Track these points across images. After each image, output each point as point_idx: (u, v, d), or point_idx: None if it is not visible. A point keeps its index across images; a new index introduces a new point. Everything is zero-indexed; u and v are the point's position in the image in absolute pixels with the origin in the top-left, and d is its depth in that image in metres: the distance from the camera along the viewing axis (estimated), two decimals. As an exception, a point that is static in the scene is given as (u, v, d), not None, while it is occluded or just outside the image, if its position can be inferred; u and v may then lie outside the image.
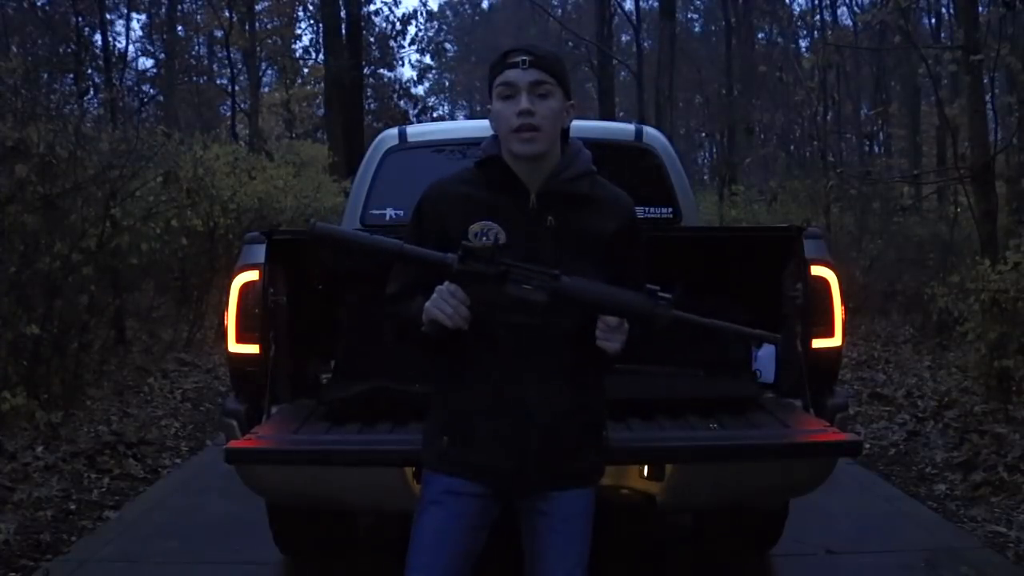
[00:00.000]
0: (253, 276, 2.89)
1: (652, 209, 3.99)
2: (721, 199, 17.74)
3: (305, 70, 26.47)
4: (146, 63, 24.52)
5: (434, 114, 29.66)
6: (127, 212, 6.63)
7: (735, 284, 3.19)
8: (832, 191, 10.48)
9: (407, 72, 40.82)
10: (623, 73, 28.33)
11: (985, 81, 8.22)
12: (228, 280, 2.97)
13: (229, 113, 24.00)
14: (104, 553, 3.74)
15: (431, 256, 1.75)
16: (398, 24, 22.89)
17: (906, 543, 3.83)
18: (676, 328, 1.72)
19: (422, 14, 26.24)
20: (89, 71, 16.93)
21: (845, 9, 25.03)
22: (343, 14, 17.30)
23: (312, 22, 24.39)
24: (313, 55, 25.31)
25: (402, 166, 4.05)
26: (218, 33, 23.38)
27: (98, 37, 17.91)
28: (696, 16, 37.25)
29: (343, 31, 17.27)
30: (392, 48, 24.11)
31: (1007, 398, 5.58)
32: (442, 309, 1.72)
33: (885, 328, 10.28)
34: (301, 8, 24.46)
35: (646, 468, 2.67)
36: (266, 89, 26.71)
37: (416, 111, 24.85)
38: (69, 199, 6.04)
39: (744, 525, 3.52)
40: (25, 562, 3.57)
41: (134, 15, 22.24)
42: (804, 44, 22.08)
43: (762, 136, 21.96)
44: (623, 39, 31.64)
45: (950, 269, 7.52)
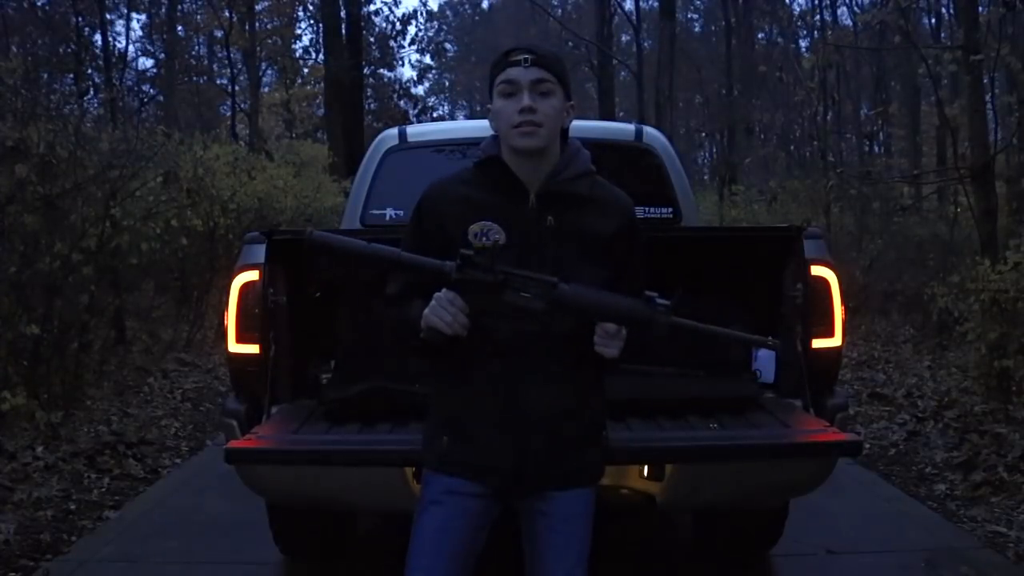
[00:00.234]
0: (253, 276, 2.89)
1: (652, 209, 3.99)
2: (721, 199, 17.73)
3: (305, 70, 26.48)
4: (146, 63, 24.58)
5: (434, 114, 29.71)
6: (127, 212, 6.63)
7: (735, 284, 3.19)
8: (832, 191, 10.47)
9: (407, 72, 40.92)
10: (623, 73, 28.34)
11: (985, 81, 8.22)
12: (228, 280, 2.97)
13: (229, 113, 24.03)
14: (104, 553, 3.73)
15: (429, 264, 1.75)
16: (398, 24, 22.96)
17: (906, 543, 3.83)
18: (674, 334, 1.73)
19: (422, 14, 26.35)
20: (89, 71, 16.95)
21: (845, 9, 25.06)
22: (343, 14, 17.30)
23: (312, 22, 24.44)
24: (313, 55, 25.35)
25: (402, 166, 4.04)
26: (218, 33, 23.40)
27: (98, 37, 17.97)
28: (696, 16, 37.28)
29: (343, 31, 17.27)
30: (392, 48, 24.15)
31: (1007, 398, 5.57)
32: (440, 317, 1.73)
33: (885, 328, 10.27)
34: (301, 8, 24.49)
35: (646, 468, 2.67)
36: (266, 89, 26.71)
37: (416, 111, 24.87)
38: (69, 199, 6.04)
39: (744, 525, 3.52)
40: (25, 562, 3.57)
41: (134, 15, 22.28)
42: (804, 44, 22.11)
43: (762, 136, 21.98)
44: (623, 39, 31.66)
45: (950, 269, 7.51)
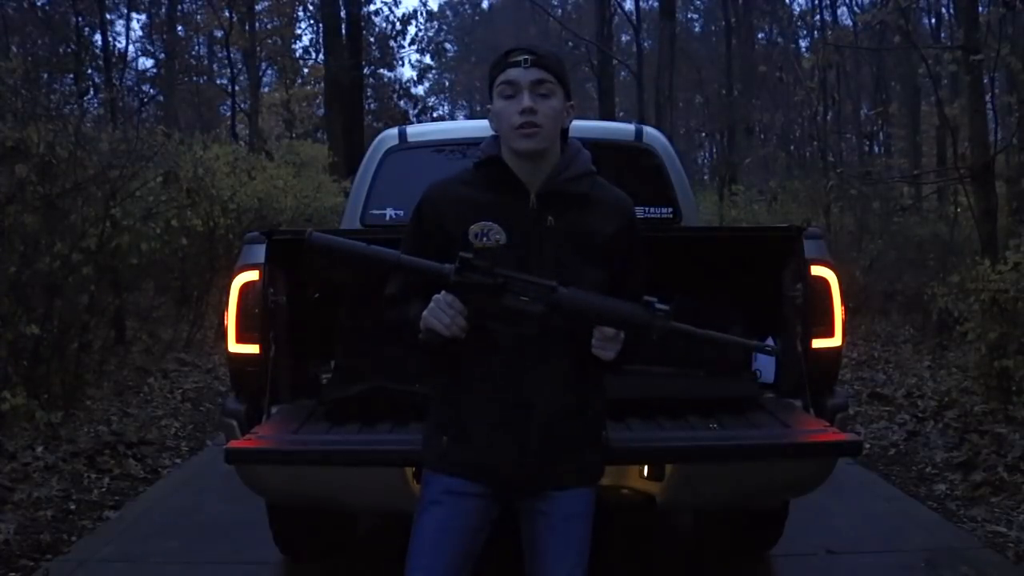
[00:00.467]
0: (253, 276, 2.88)
1: (652, 209, 3.99)
2: (721, 199, 17.74)
3: (305, 70, 26.47)
4: (146, 63, 24.57)
5: (434, 114, 29.67)
6: (127, 212, 6.62)
7: (735, 284, 3.19)
8: (832, 191, 10.47)
9: (407, 72, 40.84)
10: (623, 73, 28.33)
11: (985, 81, 8.22)
12: (228, 280, 2.97)
13: (229, 113, 24.03)
14: (104, 553, 3.73)
15: (429, 267, 1.76)
16: (398, 24, 22.89)
17: (906, 543, 3.83)
18: (673, 339, 1.73)
19: (422, 14, 26.23)
20: (89, 71, 16.94)
21: (845, 9, 25.05)
22: (343, 14, 17.30)
23: (312, 22, 24.43)
24: (313, 55, 25.33)
25: (402, 166, 4.04)
26: (218, 33, 23.40)
27: (98, 37, 17.96)
28: (696, 16, 37.27)
29: (343, 31, 17.27)
30: (392, 48, 24.10)
31: (1007, 398, 5.57)
32: (439, 319, 1.73)
33: (885, 328, 10.28)
34: (301, 8, 24.48)
35: (646, 468, 2.67)
36: (266, 89, 26.71)
37: (416, 111, 24.85)
38: (69, 199, 6.04)
39: (744, 525, 3.53)
40: (25, 562, 3.57)
41: (134, 15, 22.28)
42: (804, 44, 22.11)
43: (762, 136, 21.99)
44: (623, 39, 31.66)
45: (950, 269, 7.51)
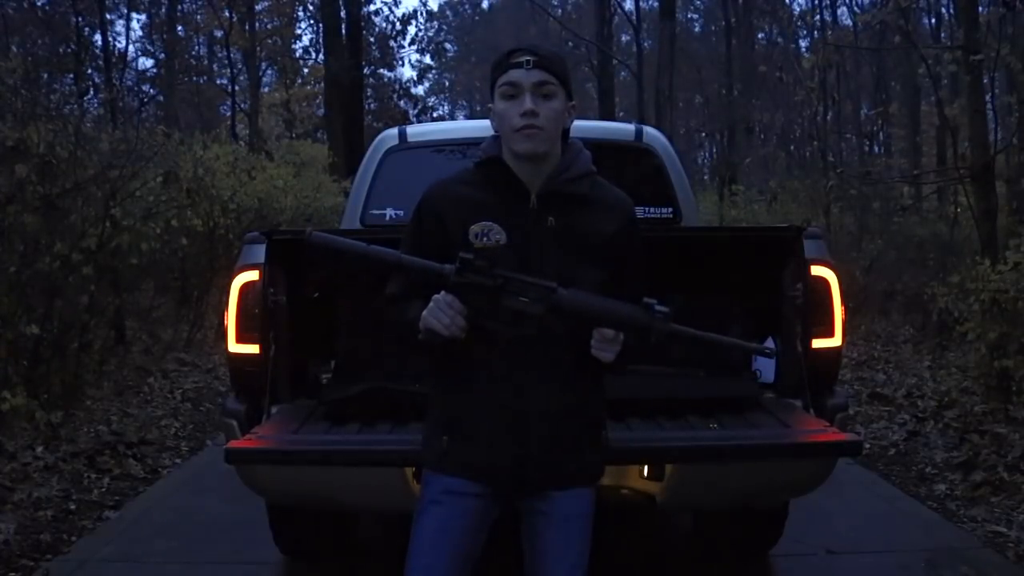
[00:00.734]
0: (253, 276, 2.88)
1: (652, 209, 3.99)
2: (721, 199, 17.73)
3: (305, 70, 26.49)
4: (146, 63, 24.59)
5: (434, 114, 29.68)
6: (127, 212, 6.62)
7: (735, 284, 3.19)
8: (832, 191, 10.48)
9: (407, 72, 40.85)
10: (623, 73, 28.34)
11: (985, 81, 8.22)
12: (228, 280, 2.97)
13: (229, 113, 24.05)
14: (104, 553, 3.73)
15: (429, 267, 1.76)
16: (398, 24, 22.93)
17: (906, 543, 3.83)
18: (672, 341, 1.73)
19: (422, 14, 26.27)
20: (89, 71, 16.94)
21: (845, 9, 25.06)
22: (343, 14, 17.29)
23: (312, 22, 24.46)
24: (313, 55, 25.36)
25: (402, 166, 4.04)
26: (218, 33, 23.42)
27: (98, 37, 17.97)
28: (696, 16, 37.26)
29: (343, 31, 17.26)
30: (392, 48, 24.14)
31: (1007, 398, 5.57)
32: (439, 319, 1.73)
33: (885, 328, 10.27)
34: (301, 8, 24.50)
35: (646, 468, 2.67)
36: (266, 89, 26.73)
37: (416, 111, 24.86)
38: (69, 199, 6.04)
39: (744, 525, 3.53)
40: (25, 562, 3.56)
41: (134, 15, 22.30)
42: (804, 44, 22.10)
43: (762, 136, 21.98)
44: (623, 39, 31.66)
45: (950, 269, 7.51)
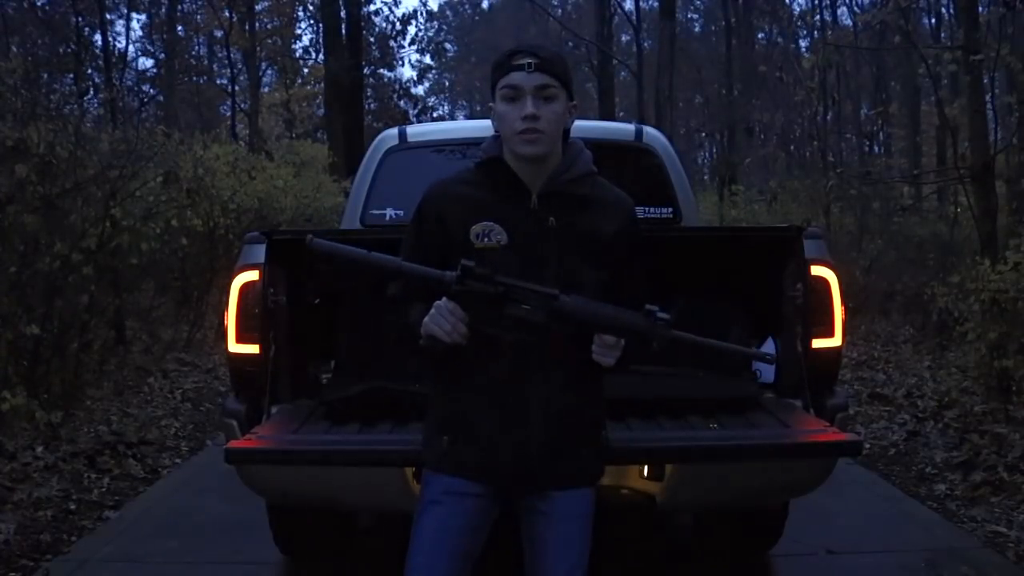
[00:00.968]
0: (253, 276, 2.88)
1: (652, 209, 3.98)
2: (721, 199, 17.74)
3: (305, 70, 26.49)
4: (146, 63, 24.61)
5: (434, 114, 29.66)
6: (127, 212, 6.61)
7: (735, 284, 3.19)
8: (832, 191, 10.47)
9: (407, 72, 40.84)
10: (623, 73, 28.34)
11: (985, 81, 8.21)
12: (228, 280, 2.97)
13: (229, 113, 24.06)
14: (104, 553, 3.73)
15: (430, 274, 1.76)
16: (398, 24, 22.92)
17: (906, 543, 3.83)
18: (674, 347, 1.73)
19: (422, 14, 26.29)
20: (89, 71, 16.95)
21: (845, 9, 25.07)
22: (343, 14, 17.29)
23: (312, 22, 24.46)
24: (313, 55, 25.36)
25: (402, 166, 4.04)
26: (218, 33, 23.42)
27: (98, 37, 17.98)
28: (696, 16, 37.26)
29: (343, 31, 17.26)
30: (392, 48, 24.12)
31: (1007, 398, 5.57)
32: (440, 326, 1.74)
33: (885, 328, 10.27)
34: (301, 8, 24.50)
35: (646, 468, 2.67)
36: (266, 89, 26.73)
37: (416, 111, 24.85)
38: (69, 199, 6.03)
39: (744, 525, 3.52)
40: (25, 562, 3.57)
41: (134, 15, 22.30)
42: (804, 44, 22.10)
43: (762, 136, 21.98)
44: (623, 39, 31.66)
45: (950, 269, 7.51)
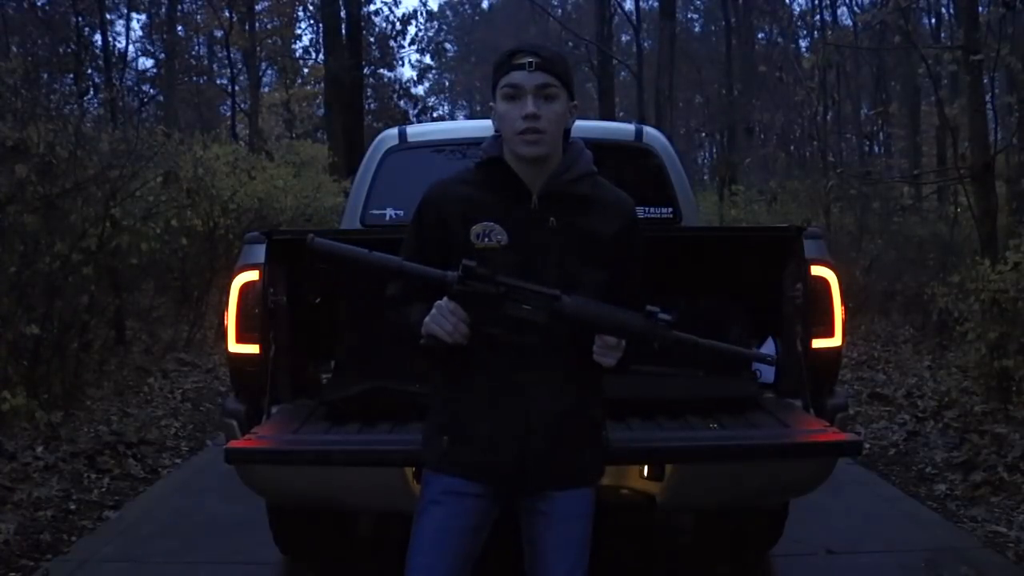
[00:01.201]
0: (253, 276, 2.89)
1: (652, 209, 3.98)
2: (721, 199, 17.74)
3: (305, 70, 26.49)
4: (146, 63, 24.59)
5: (434, 114, 29.66)
6: (127, 212, 6.62)
7: (735, 284, 3.19)
8: (832, 191, 10.48)
9: (407, 72, 40.82)
10: (623, 73, 28.33)
11: (985, 81, 8.22)
12: (228, 280, 2.97)
13: (229, 113, 24.05)
14: (104, 553, 3.73)
15: (431, 274, 1.76)
16: (398, 24, 22.94)
17: (906, 543, 3.82)
18: (675, 349, 1.74)
19: (422, 14, 26.34)
20: (89, 71, 16.96)
21: (845, 9, 25.06)
22: (343, 14, 17.29)
23: (312, 22, 24.46)
24: (313, 55, 25.37)
25: (402, 166, 4.04)
26: (218, 33, 23.42)
27: (98, 37, 17.99)
28: (696, 16, 37.26)
29: (343, 31, 17.26)
30: (392, 48, 24.14)
31: (1007, 398, 5.57)
32: (441, 326, 1.74)
33: (885, 328, 10.27)
34: (301, 8, 24.50)
35: (646, 468, 2.67)
36: (266, 89, 26.72)
37: (416, 111, 24.85)
38: (69, 199, 6.04)
39: (744, 525, 3.52)
40: (25, 562, 3.57)
41: (134, 15, 22.30)
42: (804, 44, 22.09)
43: (762, 136, 22.00)
44: (623, 39, 31.64)
45: (950, 269, 7.51)
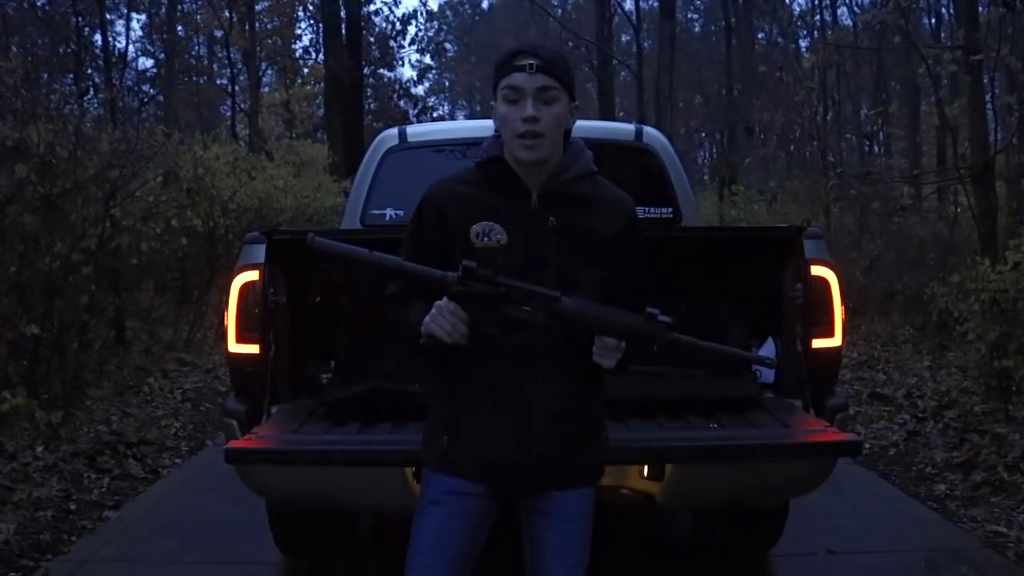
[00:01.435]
0: (253, 276, 2.89)
1: (652, 209, 3.98)
2: (721, 199, 17.74)
3: (305, 70, 26.48)
4: (146, 63, 24.58)
5: (434, 114, 29.64)
6: (127, 212, 6.62)
7: (735, 284, 3.20)
8: (832, 191, 10.48)
9: (407, 72, 40.76)
10: (623, 73, 28.34)
11: (985, 81, 8.22)
12: (228, 280, 2.97)
13: (229, 113, 24.05)
14: (104, 553, 3.73)
15: (431, 274, 1.76)
16: (398, 24, 22.93)
17: (906, 543, 3.83)
18: (674, 351, 1.73)
19: (422, 14, 26.30)
20: (89, 71, 16.95)
21: (845, 9, 25.06)
22: (343, 14, 17.29)
23: (312, 22, 24.45)
24: (313, 55, 25.36)
25: (402, 166, 4.04)
26: (218, 33, 23.41)
27: (98, 37, 17.98)
28: (696, 16, 37.26)
29: (343, 31, 17.26)
30: (392, 48, 24.12)
31: (1007, 398, 5.57)
32: (441, 326, 1.74)
33: (885, 328, 10.27)
34: (301, 8, 24.49)
35: (646, 468, 2.67)
36: (266, 89, 26.71)
37: (416, 111, 24.84)
38: (69, 199, 6.04)
39: (744, 525, 3.52)
40: (25, 562, 3.57)
41: (134, 15, 22.29)
42: (804, 44, 22.09)
43: (762, 136, 21.99)
44: (623, 39, 31.64)
45: (950, 269, 7.51)
